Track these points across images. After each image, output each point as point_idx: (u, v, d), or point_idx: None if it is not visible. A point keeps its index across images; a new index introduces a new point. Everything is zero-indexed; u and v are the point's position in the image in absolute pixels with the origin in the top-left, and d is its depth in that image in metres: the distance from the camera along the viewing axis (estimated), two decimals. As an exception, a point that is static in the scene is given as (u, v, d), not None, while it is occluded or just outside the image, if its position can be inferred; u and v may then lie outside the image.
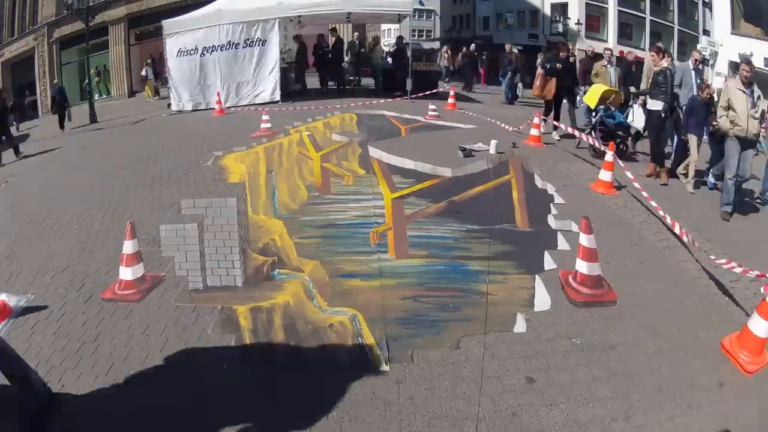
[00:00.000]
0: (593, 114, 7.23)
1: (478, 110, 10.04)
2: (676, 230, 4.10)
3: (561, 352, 2.82)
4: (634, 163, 6.66)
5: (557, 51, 8.56)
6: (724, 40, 19.73)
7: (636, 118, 6.88)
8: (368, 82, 13.53)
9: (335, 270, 3.68)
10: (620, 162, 5.41)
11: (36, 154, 8.87)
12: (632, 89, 7.77)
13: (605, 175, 5.61)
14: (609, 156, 5.63)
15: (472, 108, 10.31)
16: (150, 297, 3.37)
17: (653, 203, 4.68)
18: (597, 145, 6.52)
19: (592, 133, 7.03)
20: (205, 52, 10.25)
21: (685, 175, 6.07)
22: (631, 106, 7.21)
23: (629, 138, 7.15)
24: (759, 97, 5.15)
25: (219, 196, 5.00)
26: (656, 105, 5.97)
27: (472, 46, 16.88)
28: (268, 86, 10.47)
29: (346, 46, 12.82)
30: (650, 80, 6.17)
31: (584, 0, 27.32)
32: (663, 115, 5.92)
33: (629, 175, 5.20)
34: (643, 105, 6.69)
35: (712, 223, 4.91)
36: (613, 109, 7.03)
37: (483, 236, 4.26)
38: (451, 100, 10.32)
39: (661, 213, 4.49)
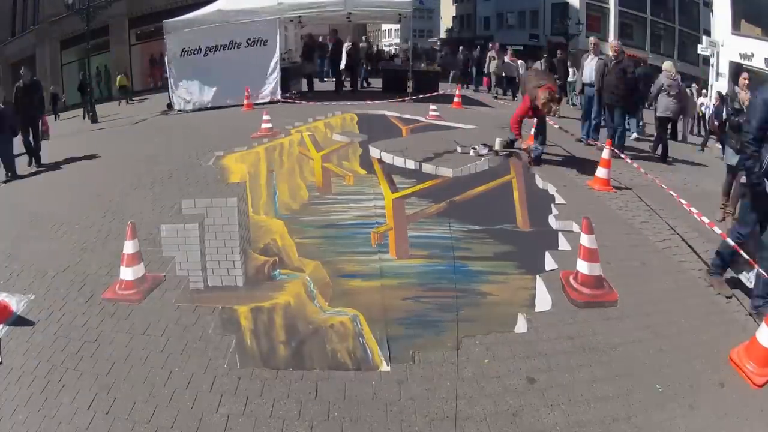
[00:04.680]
0: None
1: (481, 110, 10.05)
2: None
3: (562, 353, 2.82)
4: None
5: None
6: (725, 41, 19.68)
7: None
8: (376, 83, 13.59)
9: (336, 270, 3.67)
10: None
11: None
12: None
13: (601, 172, 5.62)
14: (605, 153, 5.63)
15: (476, 108, 10.32)
16: (151, 297, 3.37)
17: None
18: None
19: None
20: (205, 52, 10.27)
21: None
22: None
23: None
24: None
25: (220, 196, 5.01)
26: None
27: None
28: (269, 86, 10.49)
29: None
30: None
31: (585, 0, 27.36)
32: None
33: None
34: None
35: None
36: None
37: (484, 236, 4.26)
38: (457, 99, 10.40)
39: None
